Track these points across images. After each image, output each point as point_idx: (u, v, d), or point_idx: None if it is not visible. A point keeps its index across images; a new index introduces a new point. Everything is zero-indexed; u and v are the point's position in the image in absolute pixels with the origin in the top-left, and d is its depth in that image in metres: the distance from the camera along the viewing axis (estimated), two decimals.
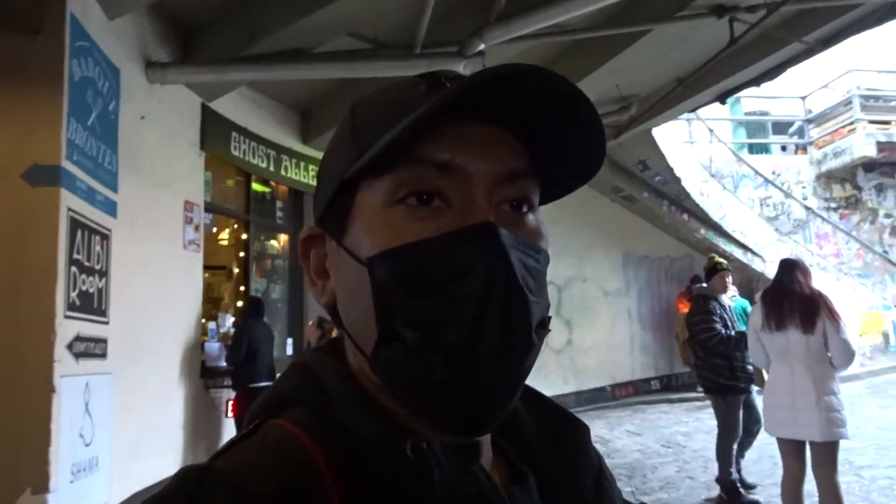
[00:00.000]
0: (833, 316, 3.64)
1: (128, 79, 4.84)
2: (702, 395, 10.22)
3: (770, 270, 10.74)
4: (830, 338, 3.60)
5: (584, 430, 0.67)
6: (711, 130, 11.33)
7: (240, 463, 0.51)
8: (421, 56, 5.35)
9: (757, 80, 7.46)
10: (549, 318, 0.56)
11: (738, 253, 10.43)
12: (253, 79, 5.94)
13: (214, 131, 6.32)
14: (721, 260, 5.41)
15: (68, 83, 3.79)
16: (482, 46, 5.22)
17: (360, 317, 0.55)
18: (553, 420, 0.66)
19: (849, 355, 3.61)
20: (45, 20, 3.69)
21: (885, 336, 11.56)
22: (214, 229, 7.50)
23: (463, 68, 5.36)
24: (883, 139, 11.32)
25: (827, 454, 3.61)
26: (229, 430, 6.32)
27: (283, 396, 0.58)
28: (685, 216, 10.48)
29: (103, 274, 4.46)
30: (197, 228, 6.15)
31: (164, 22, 5.41)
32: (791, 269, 3.85)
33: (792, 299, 3.74)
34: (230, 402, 6.40)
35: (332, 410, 0.55)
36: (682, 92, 7.51)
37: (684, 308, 10.49)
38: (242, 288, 7.46)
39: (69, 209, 3.83)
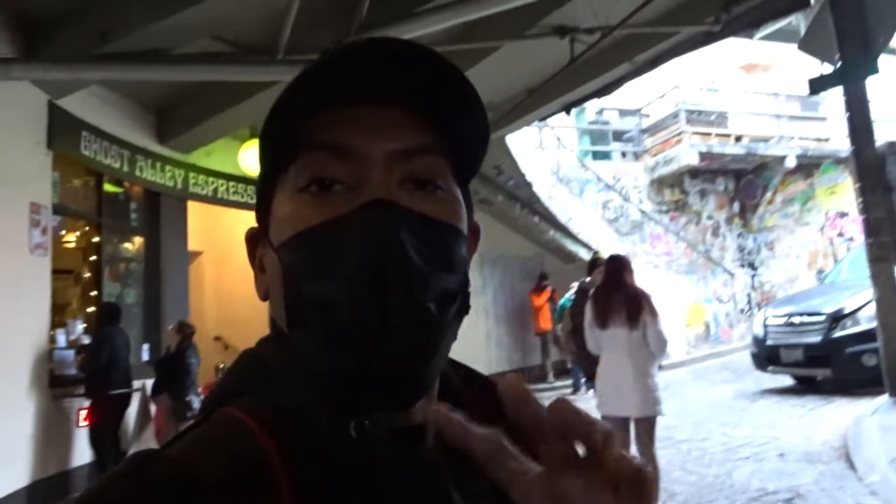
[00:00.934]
0: (653, 312, 4.19)
1: None
2: (554, 384, 11.01)
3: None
4: (649, 330, 4.15)
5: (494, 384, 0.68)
6: (559, 138, 12.17)
7: (189, 449, 0.52)
8: (283, 62, 5.44)
9: (597, 94, 8.21)
10: (466, 293, 0.57)
11: (583, 252, 11.28)
12: (107, 78, 5.77)
13: (62, 130, 6.05)
14: (601, 255, 5.95)
15: None
16: None
17: (278, 303, 0.56)
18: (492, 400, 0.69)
19: (663, 344, 4.17)
20: None
21: (707, 326, 12.96)
22: (63, 232, 7.13)
23: None
24: (704, 149, 12.68)
25: (646, 428, 4.17)
26: (81, 440, 6.08)
27: (232, 385, 0.59)
28: (536, 218, 11.21)
29: None
30: (44, 231, 5.87)
31: (5, 14, 5.14)
32: (618, 268, 4.38)
33: (619, 299, 4.27)
34: (83, 411, 6.16)
35: (280, 395, 0.55)
36: (531, 102, 8.08)
37: (537, 301, 11.26)
38: (94, 293, 7.15)
39: None
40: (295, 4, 4.72)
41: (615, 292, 4.32)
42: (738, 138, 13.46)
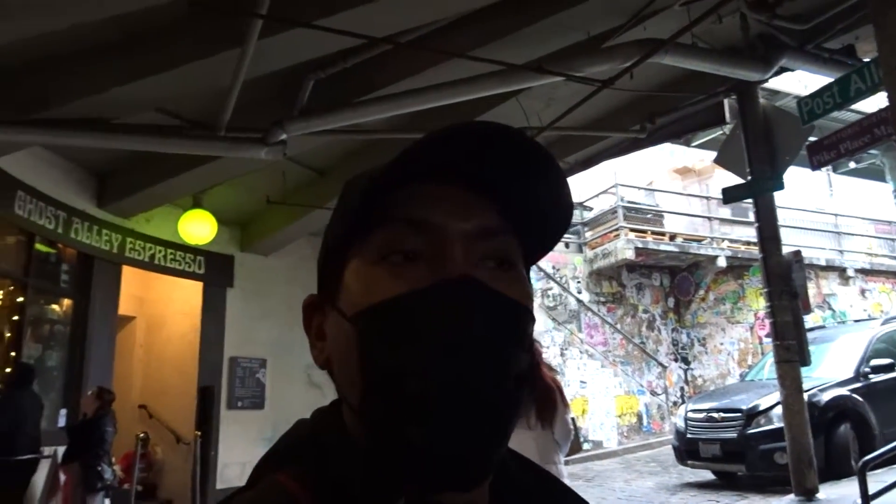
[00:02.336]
0: (565, 403, 4.28)
1: None
2: None
3: (546, 355, 11.91)
4: (558, 420, 4.22)
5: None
6: None
7: None
8: (224, 138, 5.62)
9: None
10: (531, 373, 0.57)
11: None
12: (47, 142, 5.86)
13: None
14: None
15: None
16: (284, 136, 5.63)
17: (347, 373, 0.56)
18: (551, 492, 0.66)
19: (566, 434, 4.24)
20: None
21: (640, 417, 13.14)
22: None
23: (265, 154, 5.73)
24: (640, 245, 13.20)
25: None
26: None
27: (284, 451, 0.59)
28: None
29: None
30: None
31: None
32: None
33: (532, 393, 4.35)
34: None
35: (330, 466, 0.55)
36: None
37: None
38: (13, 353, 6.98)
39: None
40: (236, 87, 4.94)
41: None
42: (673, 237, 14.07)
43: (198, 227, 8.16)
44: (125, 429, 7.80)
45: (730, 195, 6.79)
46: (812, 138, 6.26)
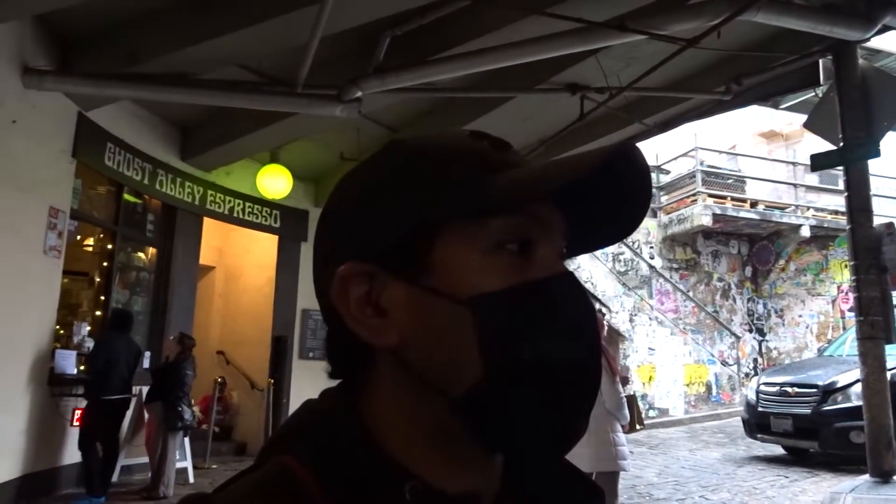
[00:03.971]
0: (611, 368, 4.27)
1: (2, 84, 4.90)
2: None
3: (615, 320, 11.77)
4: (604, 388, 4.22)
5: (600, 495, 0.67)
6: None
7: (238, 496, 0.54)
8: (301, 95, 5.70)
9: None
10: None
11: None
12: (132, 96, 6.08)
13: (88, 140, 6.36)
14: (598, 307, 6.05)
15: None
16: (359, 94, 5.66)
17: (446, 358, 0.54)
18: (568, 482, 0.66)
19: (617, 404, 4.24)
20: None
21: (708, 387, 12.88)
22: (79, 236, 7.42)
23: (340, 112, 5.78)
24: (718, 212, 12.75)
25: (604, 483, 4.22)
26: (73, 439, 6.26)
27: (291, 432, 0.59)
28: None
29: None
30: (60, 235, 6.14)
31: (46, 30, 5.47)
32: None
33: None
34: (77, 412, 6.35)
35: (336, 449, 0.55)
36: (544, 153, 8.27)
37: None
38: (103, 298, 7.40)
39: None
40: (314, 43, 4.97)
41: None
42: (754, 204, 13.51)
43: (275, 182, 8.35)
44: (204, 373, 8.19)
45: (819, 162, 6.43)
46: None
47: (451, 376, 0.54)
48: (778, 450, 8.56)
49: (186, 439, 7.06)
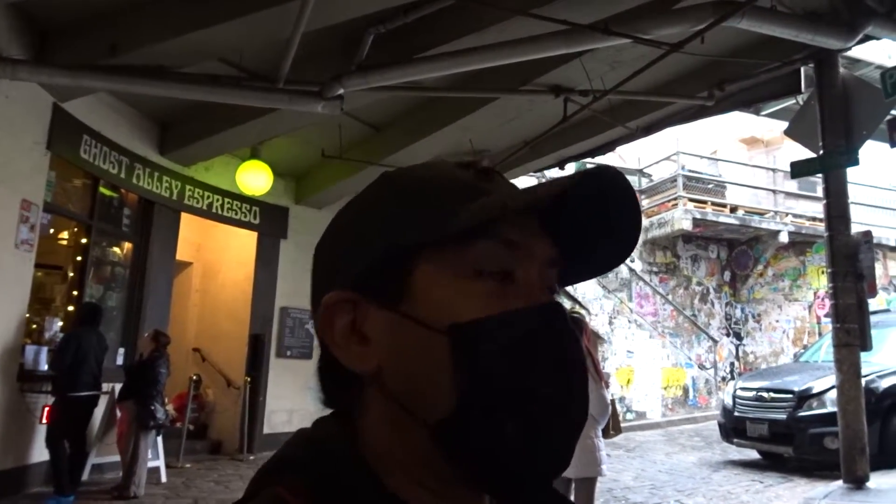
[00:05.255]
0: (595, 372, 4.25)
1: None
2: None
3: (594, 322, 11.80)
4: (591, 393, 4.20)
5: None
6: None
7: None
8: (282, 91, 5.62)
9: (591, 153, 8.39)
10: None
11: (566, 304, 11.38)
12: (110, 88, 5.96)
13: (64, 132, 6.24)
14: (576, 313, 5.98)
15: None
16: (341, 91, 5.60)
17: (423, 385, 0.54)
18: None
19: (602, 408, 4.22)
20: None
21: (686, 390, 12.96)
22: (53, 230, 7.27)
23: (322, 108, 5.71)
24: (698, 216, 12.84)
25: (583, 488, 4.21)
26: (42, 436, 6.12)
27: (284, 462, 0.57)
28: None
29: None
30: (32, 228, 6.01)
31: (21, 18, 5.35)
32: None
33: None
34: (46, 409, 6.22)
35: (335, 481, 0.54)
36: (528, 154, 8.25)
37: None
38: (76, 293, 7.26)
39: None
40: (296, 39, 4.91)
41: None
42: (734, 209, 13.62)
43: (255, 178, 8.26)
44: (179, 370, 8.09)
45: (799, 169, 6.47)
46: (894, 112, 5.91)
47: (428, 403, 0.54)
48: (753, 454, 8.62)
49: (159, 438, 6.96)
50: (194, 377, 8.71)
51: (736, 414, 8.23)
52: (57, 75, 5.36)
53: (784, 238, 13.46)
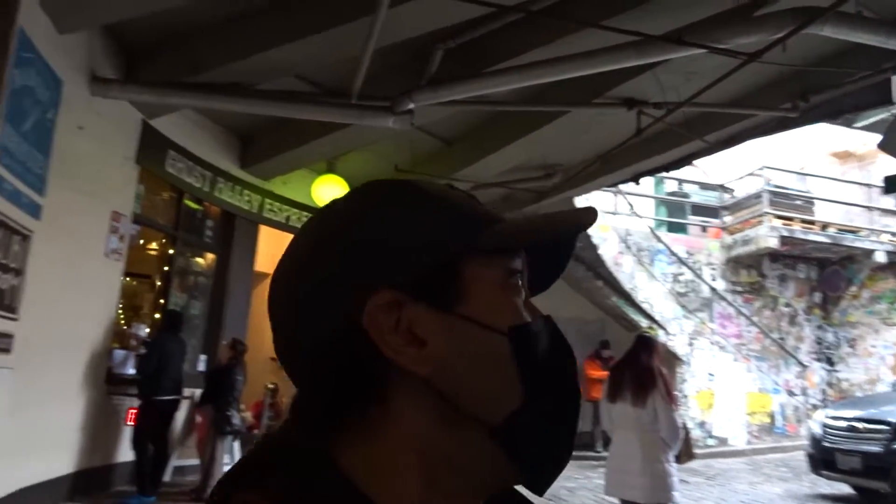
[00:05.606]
0: (666, 394, 4.09)
1: (70, 90, 5.10)
2: (599, 453, 10.69)
3: (673, 343, 11.43)
4: (660, 414, 4.04)
5: None
6: (632, 206, 12.07)
7: None
8: (354, 106, 5.75)
9: (667, 167, 8.16)
10: None
11: (644, 323, 11.06)
12: (193, 105, 6.25)
13: (151, 147, 6.58)
14: (648, 331, 5.82)
15: (7, 91, 4.05)
16: (411, 105, 5.67)
17: (486, 385, 0.56)
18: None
19: (673, 431, 4.05)
20: None
21: (772, 417, 12.32)
22: (141, 241, 7.67)
23: (392, 123, 5.80)
24: (786, 233, 12.24)
25: None
26: (128, 437, 6.42)
27: (253, 469, 0.56)
28: (600, 283, 11.09)
29: (19, 272, 4.64)
30: (121, 238, 6.34)
31: (113, 40, 5.69)
32: (638, 346, 4.31)
33: (629, 374, 4.21)
34: (131, 411, 6.53)
35: (311, 489, 0.54)
36: (601, 168, 8.12)
37: (592, 372, 11.04)
38: (161, 300, 7.62)
39: None
40: (368, 55, 5.01)
41: (627, 368, 4.26)
42: (824, 226, 12.92)
43: (330, 192, 8.45)
44: (257, 379, 8.32)
45: (894, 185, 6.09)
46: None
47: (490, 403, 0.56)
48: (846, 488, 8.08)
49: (236, 443, 7.16)
50: (271, 385, 8.93)
51: (825, 444, 7.74)
52: (145, 93, 5.68)
53: (881, 258, 12.64)
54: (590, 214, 0.61)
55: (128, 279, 7.11)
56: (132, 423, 6.44)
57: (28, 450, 5.11)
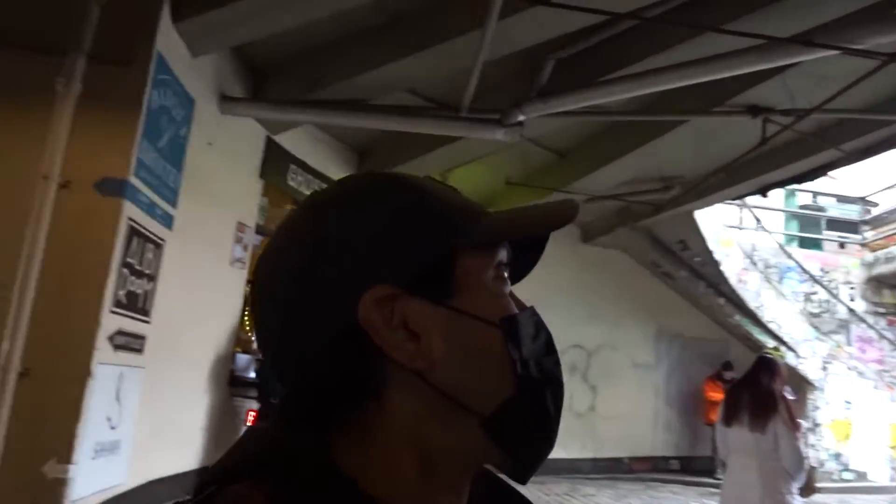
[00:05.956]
0: (789, 420, 3.79)
1: (201, 109, 5.44)
2: (720, 480, 10.11)
3: (803, 366, 10.65)
4: (781, 441, 3.74)
5: None
6: (758, 219, 11.40)
7: None
8: (464, 119, 5.78)
9: (798, 179, 7.65)
10: None
11: (771, 344, 10.38)
12: (314, 121, 6.51)
13: (274, 162, 6.91)
14: (775, 353, 5.51)
15: (146, 110, 4.38)
16: (521, 117, 5.63)
17: (478, 377, 0.57)
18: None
19: (797, 461, 3.72)
20: (136, 56, 4.30)
21: None
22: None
23: (502, 135, 5.79)
24: None
25: None
26: None
27: (241, 462, 0.55)
28: (721, 300, 10.53)
29: (152, 278, 4.99)
30: (245, 248, 6.70)
31: (240, 61, 6.03)
32: (758, 367, 4.03)
33: (748, 397, 3.92)
34: (251, 413, 6.85)
35: (304, 479, 0.53)
36: (724, 180, 7.73)
37: (712, 394, 10.48)
38: None
39: (129, 218, 4.38)
40: (477, 67, 5.03)
41: (745, 390, 3.98)
42: None
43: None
44: None
45: None
46: None
47: (482, 394, 0.57)
48: None
49: None
50: None
51: None
52: (269, 110, 5.98)
53: None
54: (573, 207, 0.62)
55: (250, 287, 7.47)
56: (251, 425, 6.74)
57: (156, 445, 5.46)
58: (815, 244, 12.77)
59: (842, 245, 12.96)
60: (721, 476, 10.07)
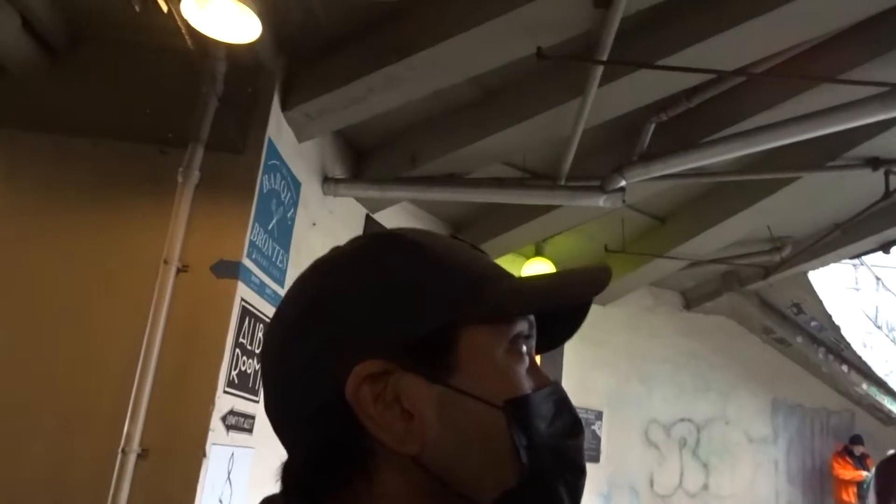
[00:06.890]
0: None
1: (306, 191, 5.61)
2: None
3: None
4: None
5: None
6: (878, 278, 10.65)
7: None
8: (564, 187, 5.72)
9: None
10: None
11: None
12: (411, 197, 6.60)
13: None
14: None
15: (258, 194, 4.54)
16: (623, 183, 5.52)
17: (477, 464, 0.53)
18: None
19: None
20: (248, 143, 4.50)
21: None
22: None
23: (603, 202, 5.67)
24: None
25: None
26: None
27: None
28: (844, 367, 9.76)
29: None
30: None
31: (341, 143, 6.24)
32: None
33: None
34: None
35: None
36: (840, 237, 7.28)
37: (842, 471, 9.62)
38: None
39: (242, 299, 4.48)
40: (577, 136, 4.99)
41: None
42: None
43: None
44: None
45: None
46: None
47: (482, 482, 0.53)
48: None
49: None
50: None
51: None
52: (369, 189, 6.11)
53: None
54: (603, 274, 0.57)
55: None
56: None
57: None
58: None
59: None
60: None
